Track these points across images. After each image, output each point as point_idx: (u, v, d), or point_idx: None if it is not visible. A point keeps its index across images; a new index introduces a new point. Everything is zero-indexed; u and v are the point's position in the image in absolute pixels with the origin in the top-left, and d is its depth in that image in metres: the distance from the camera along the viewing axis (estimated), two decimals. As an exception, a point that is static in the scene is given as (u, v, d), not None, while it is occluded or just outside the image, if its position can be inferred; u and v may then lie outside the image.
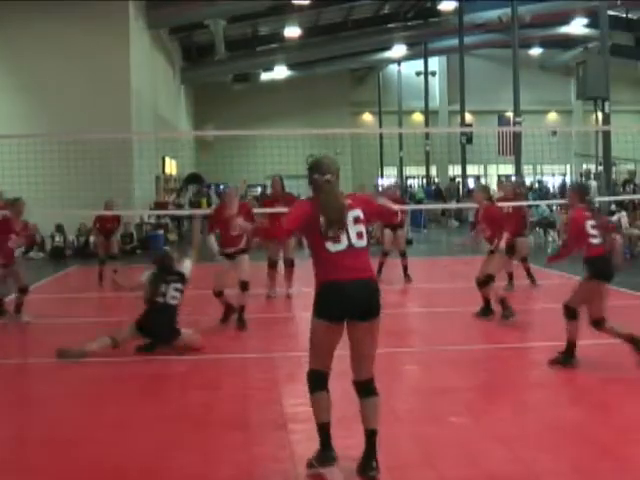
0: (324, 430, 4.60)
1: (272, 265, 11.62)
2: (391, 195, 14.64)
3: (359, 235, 4.49)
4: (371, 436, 4.50)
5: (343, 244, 4.44)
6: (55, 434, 5.53)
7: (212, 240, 9.54)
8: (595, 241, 6.98)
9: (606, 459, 4.79)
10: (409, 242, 21.30)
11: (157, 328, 7.80)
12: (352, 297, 4.40)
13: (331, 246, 4.42)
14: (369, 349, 4.53)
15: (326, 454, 4.58)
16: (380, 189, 34.83)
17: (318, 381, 4.59)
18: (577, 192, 7.34)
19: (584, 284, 7.10)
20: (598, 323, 7.02)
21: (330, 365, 4.62)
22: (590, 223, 6.99)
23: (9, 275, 10.10)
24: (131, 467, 4.82)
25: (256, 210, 11.92)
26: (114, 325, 9.69)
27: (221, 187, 36.40)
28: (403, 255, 13.43)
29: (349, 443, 5.11)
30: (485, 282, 9.17)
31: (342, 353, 4.72)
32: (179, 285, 8.01)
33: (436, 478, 4.54)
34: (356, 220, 4.50)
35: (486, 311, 9.45)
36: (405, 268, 13.37)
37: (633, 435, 5.23)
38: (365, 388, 4.54)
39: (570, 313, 7.08)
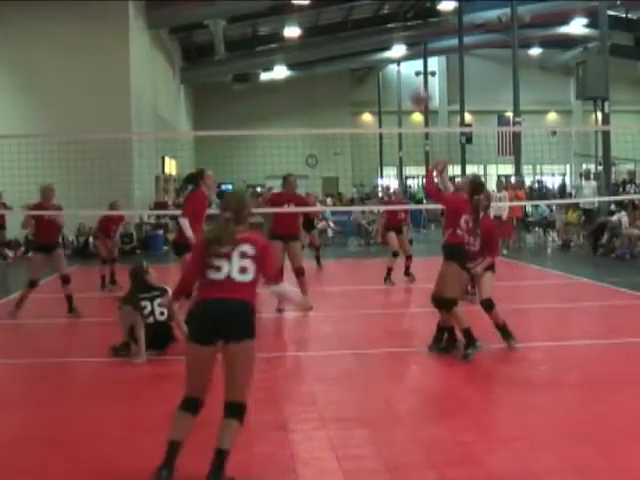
0: (172, 448, 4.41)
1: None
2: (398, 201, 14.74)
3: (242, 270, 4.50)
4: (219, 455, 4.38)
5: (222, 274, 4.48)
6: (57, 434, 5.54)
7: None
8: (460, 233, 7.67)
9: (606, 459, 4.80)
10: (409, 242, 21.33)
11: (156, 344, 7.77)
12: (215, 316, 4.41)
13: (211, 274, 4.49)
14: (238, 373, 4.45)
15: (161, 472, 4.35)
16: (381, 193, 34.83)
17: (189, 406, 4.51)
18: (471, 187, 7.86)
19: (448, 268, 7.67)
20: (449, 303, 7.52)
21: (204, 392, 4.51)
22: (465, 218, 7.67)
23: None
24: (131, 467, 4.82)
25: (257, 210, 11.75)
26: (114, 325, 9.68)
27: (222, 187, 36.50)
28: (409, 257, 13.47)
29: (349, 443, 5.13)
30: (488, 307, 8.12)
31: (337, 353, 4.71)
32: (164, 300, 7.74)
33: (436, 478, 4.54)
34: (243, 255, 4.51)
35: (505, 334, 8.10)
36: (407, 268, 13.42)
37: (633, 435, 5.24)
38: (228, 409, 4.47)
39: (450, 304, 7.52)
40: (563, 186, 35.64)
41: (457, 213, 7.74)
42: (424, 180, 9.01)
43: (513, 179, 23.85)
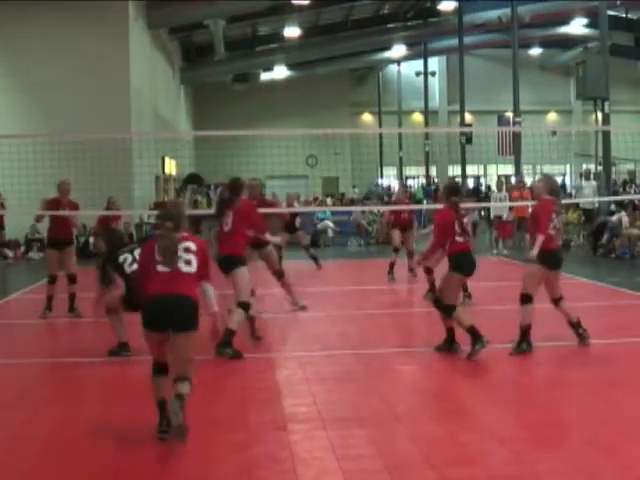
0: (161, 406, 5.24)
1: None
2: (401, 200, 14.83)
3: (187, 262, 5.30)
4: (178, 397, 5.07)
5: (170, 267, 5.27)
6: (56, 434, 5.54)
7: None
8: (460, 239, 7.71)
9: (607, 458, 4.79)
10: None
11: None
12: (165, 311, 5.14)
13: (160, 267, 5.26)
14: (182, 355, 5.21)
15: (162, 426, 5.21)
16: (382, 192, 34.82)
17: (159, 370, 5.29)
18: (446, 191, 8.06)
19: (451, 277, 7.77)
20: (448, 309, 7.70)
21: (165, 357, 5.29)
22: (457, 223, 7.71)
23: None
24: (131, 467, 4.83)
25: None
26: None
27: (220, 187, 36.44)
28: (410, 255, 13.67)
29: (349, 443, 5.13)
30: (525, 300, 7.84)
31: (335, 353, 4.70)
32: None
33: (436, 478, 4.54)
34: (186, 250, 5.31)
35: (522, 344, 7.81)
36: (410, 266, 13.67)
37: (633, 435, 5.23)
38: (176, 378, 5.16)
39: (450, 310, 7.68)
40: (563, 186, 35.64)
41: (450, 225, 7.72)
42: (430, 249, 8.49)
43: (514, 179, 23.85)
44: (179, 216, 5.47)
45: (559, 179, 39.60)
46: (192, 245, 5.34)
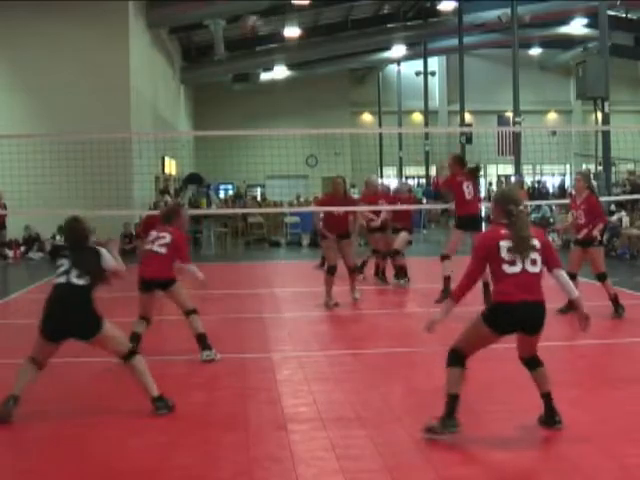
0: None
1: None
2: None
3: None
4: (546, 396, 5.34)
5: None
6: (54, 434, 5.54)
7: None
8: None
9: (606, 458, 4.79)
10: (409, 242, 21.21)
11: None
12: None
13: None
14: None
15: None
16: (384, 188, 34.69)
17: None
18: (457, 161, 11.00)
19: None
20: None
21: None
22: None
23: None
24: (130, 467, 4.82)
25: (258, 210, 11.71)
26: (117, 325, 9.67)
27: (221, 187, 36.45)
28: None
29: (349, 443, 5.12)
30: (603, 278, 9.87)
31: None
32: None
33: (436, 478, 4.54)
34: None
35: (618, 309, 9.79)
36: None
37: (633, 434, 5.23)
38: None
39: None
40: (563, 186, 35.63)
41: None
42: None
43: (513, 179, 23.86)
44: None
45: (559, 179, 39.63)
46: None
